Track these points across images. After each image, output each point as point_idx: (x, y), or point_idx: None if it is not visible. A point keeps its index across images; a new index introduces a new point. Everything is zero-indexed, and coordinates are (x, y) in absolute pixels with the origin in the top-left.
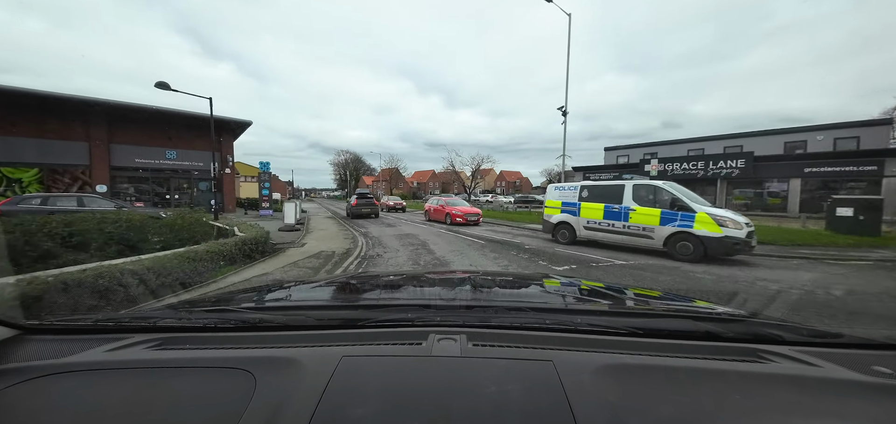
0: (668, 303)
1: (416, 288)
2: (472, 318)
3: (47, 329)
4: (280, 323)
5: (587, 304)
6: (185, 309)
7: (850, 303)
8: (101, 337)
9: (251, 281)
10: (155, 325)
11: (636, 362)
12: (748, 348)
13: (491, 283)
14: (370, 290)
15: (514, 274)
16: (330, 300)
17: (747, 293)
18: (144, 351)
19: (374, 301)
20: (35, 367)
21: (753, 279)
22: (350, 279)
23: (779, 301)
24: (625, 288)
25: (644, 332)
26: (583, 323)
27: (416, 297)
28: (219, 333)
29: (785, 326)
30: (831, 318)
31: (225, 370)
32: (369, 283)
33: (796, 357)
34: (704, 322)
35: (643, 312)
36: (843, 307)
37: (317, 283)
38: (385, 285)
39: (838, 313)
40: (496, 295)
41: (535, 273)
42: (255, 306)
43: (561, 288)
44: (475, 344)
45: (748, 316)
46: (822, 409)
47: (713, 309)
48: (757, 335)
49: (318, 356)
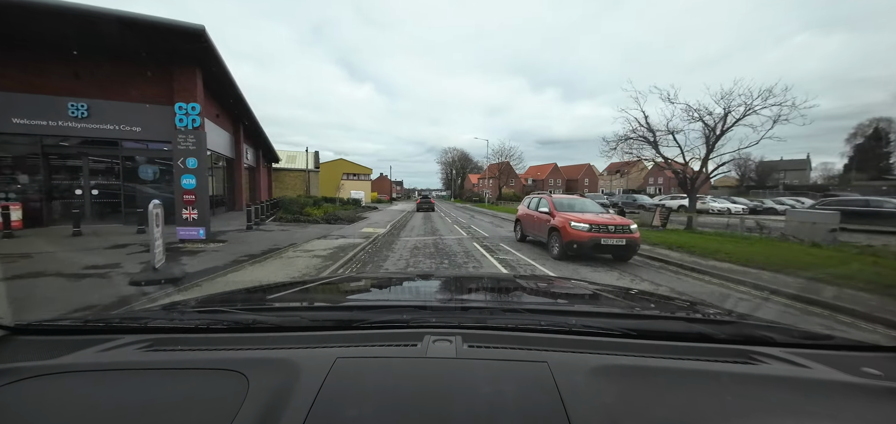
0: (662, 304)
1: (412, 288)
2: (468, 319)
3: (36, 329)
4: (274, 324)
5: (581, 305)
6: (177, 310)
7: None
8: (91, 337)
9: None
10: (146, 326)
11: (630, 363)
12: (740, 349)
13: (486, 285)
14: (365, 291)
15: (509, 276)
16: (324, 301)
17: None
18: (135, 352)
19: (369, 301)
20: (23, 369)
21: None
22: (345, 279)
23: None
24: (619, 289)
25: (638, 333)
26: (577, 325)
27: (412, 298)
28: (211, 334)
29: (776, 328)
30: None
31: (217, 371)
32: (364, 284)
33: (787, 358)
34: (697, 323)
35: (637, 313)
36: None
37: (311, 284)
38: (380, 286)
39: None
40: (491, 297)
41: (530, 274)
42: (248, 307)
43: (555, 290)
44: (470, 346)
45: (740, 317)
46: (813, 410)
47: (706, 310)
48: (748, 336)
49: (313, 357)
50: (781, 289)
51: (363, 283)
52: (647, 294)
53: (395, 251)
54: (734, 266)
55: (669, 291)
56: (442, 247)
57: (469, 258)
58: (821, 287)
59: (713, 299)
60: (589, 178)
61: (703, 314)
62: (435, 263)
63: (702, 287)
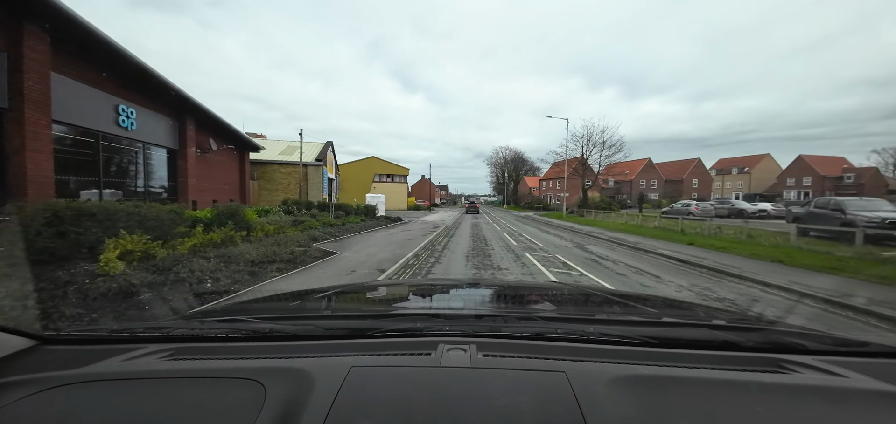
0: (684, 311)
1: (425, 297)
2: (482, 328)
3: (64, 339)
4: (289, 333)
5: (599, 312)
6: (198, 320)
7: None
8: (116, 346)
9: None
10: (168, 335)
11: (651, 373)
12: (769, 358)
13: (501, 292)
14: (379, 299)
15: (524, 282)
16: (338, 309)
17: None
18: (157, 360)
19: (382, 310)
20: (53, 378)
21: None
22: (360, 287)
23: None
24: (637, 294)
25: (659, 342)
26: (595, 333)
27: (425, 306)
28: (230, 343)
29: (807, 334)
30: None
31: (236, 380)
32: (379, 292)
33: (820, 366)
34: (722, 330)
35: (657, 321)
36: None
37: (326, 292)
38: (394, 293)
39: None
40: (506, 304)
41: (546, 281)
42: (265, 316)
43: (572, 296)
44: (485, 354)
45: (767, 324)
46: (850, 422)
47: (731, 316)
48: (777, 344)
49: (327, 366)
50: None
51: (378, 291)
52: (667, 300)
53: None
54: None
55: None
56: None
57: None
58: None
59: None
60: (699, 177)
61: (729, 320)
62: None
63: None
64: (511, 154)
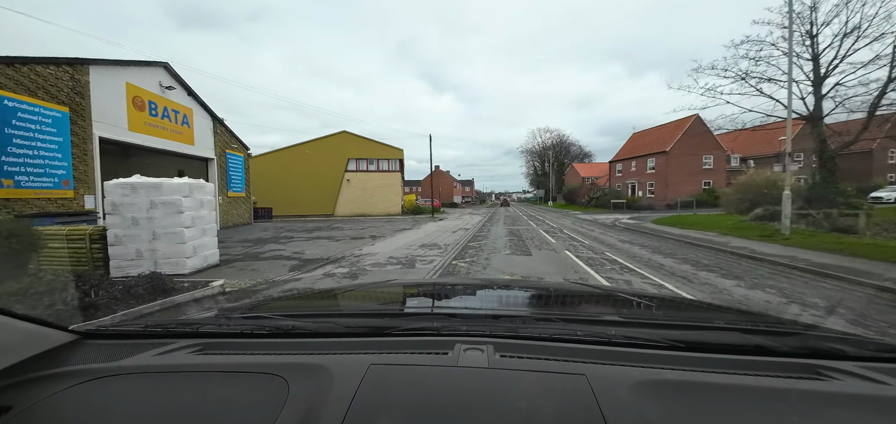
0: (712, 313)
1: (442, 296)
2: (499, 328)
3: (103, 334)
4: (311, 330)
5: (621, 314)
6: (226, 316)
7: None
8: (149, 341)
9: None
10: (198, 330)
11: (678, 378)
12: (806, 363)
13: (518, 293)
14: (397, 297)
15: (541, 283)
16: (358, 307)
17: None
18: (188, 355)
19: (400, 309)
20: (92, 370)
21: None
22: (378, 286)
23: None
24: (661, 296)
25: (686, 345)
26: (617, 335)
27: (442, 306)
28: (255, 338)
29: (847, 339)
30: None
31: (261, 374)
32: (397, 291)
33: (862, 373)
34: (755, 334)
35: (683, 323)
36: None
37: (346, 290)
38: (412, 292)
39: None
40: (524, 304)
41: (565, 281)
42: (288, 313)
43: (593, 298)
44: (503, 355)
45: (804, 328)
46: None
47: (765, 319)
48: (815, 349)
49: (347, 363)
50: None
51: (396, 290)
52: (694, 301)
53: None
54: None
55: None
56: None
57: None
58: None
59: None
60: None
61: (761, 324)
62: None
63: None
64: (553, 137)
